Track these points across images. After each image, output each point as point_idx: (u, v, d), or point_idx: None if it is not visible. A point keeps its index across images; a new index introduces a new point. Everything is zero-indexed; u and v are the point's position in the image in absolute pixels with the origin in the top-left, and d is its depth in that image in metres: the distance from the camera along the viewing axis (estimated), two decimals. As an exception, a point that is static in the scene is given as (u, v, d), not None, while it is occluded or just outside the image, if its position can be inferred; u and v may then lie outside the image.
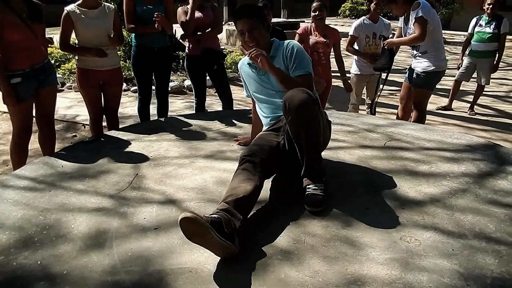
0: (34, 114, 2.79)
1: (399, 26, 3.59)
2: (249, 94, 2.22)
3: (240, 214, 1.46)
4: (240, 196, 1.50)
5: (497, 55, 4.87)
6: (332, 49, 3.77)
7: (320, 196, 1.66)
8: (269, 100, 2.03)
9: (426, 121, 3.64)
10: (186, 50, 3.65)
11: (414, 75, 3.47)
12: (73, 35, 3.00)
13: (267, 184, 1.89)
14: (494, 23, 4.75)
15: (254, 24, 1.93)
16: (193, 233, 1.30)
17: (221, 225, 1.34)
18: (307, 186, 1.71)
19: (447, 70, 3.54)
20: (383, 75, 3.90)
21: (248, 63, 2.10)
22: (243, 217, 1.47)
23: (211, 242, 1.30)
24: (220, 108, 3.97)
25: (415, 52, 3.44)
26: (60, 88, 5.89)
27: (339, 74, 3.93)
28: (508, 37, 4.97)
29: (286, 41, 2.04)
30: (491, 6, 4.73)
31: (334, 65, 3.80)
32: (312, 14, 3.66)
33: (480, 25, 4.86)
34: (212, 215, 1.37)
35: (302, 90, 1.68)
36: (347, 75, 3.98)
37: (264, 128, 2.08)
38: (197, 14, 3.44)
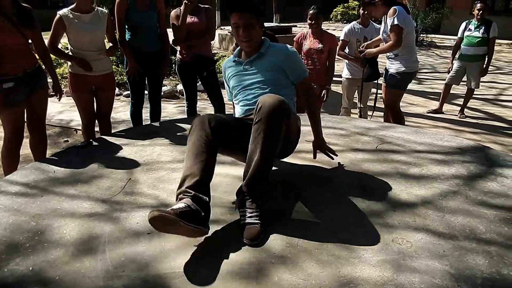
0: (25, 119, 2.77)
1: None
2: (231, 98, 2.20)
3: (205, 196, 1.51)
4: (198, 178, 1.52)
5: (486, 59, 4.94)
6: (327, 54, 3.80)
7: (258, 225, 1.53)
8: (247, 89, 2.02)
9: (416, 124, 3.69)
10: (178, 55, 3.66)
11: (388, 76, 3.60)
12: (66, 40, 3.00)
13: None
14: (483, 28, 4.82)
15: (250, 20, 1.92)
16: (165, 228, 1.39)
17: (191, 214, 1.40)
18: (242, 214, 1.58)
19: (437, 74, 3.62)
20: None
21: (233, 60, 2.10)
22: (208, 198, 1.53)
23: (183, 231, 1.40)
24: (212, 112, 3.97)
25: (388, 54, 3.59)
26: (52, 93, 5.85)
27: (337, 79, 3.95)
28: (497, 41, 5.04)
29: (282, 45, 2.06)
30: (480, 11, 4.81)
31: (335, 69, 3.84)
32: (308, 21, 3.69)
33: (470, 30, 4.94)
34: (180, 206, 1.41)
35: (278, 97, 1.63)
36: (335, 80, 4.01)
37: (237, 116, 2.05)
38: (190, 18, 3.44)
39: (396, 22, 3.25)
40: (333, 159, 2.11)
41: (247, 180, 1.60)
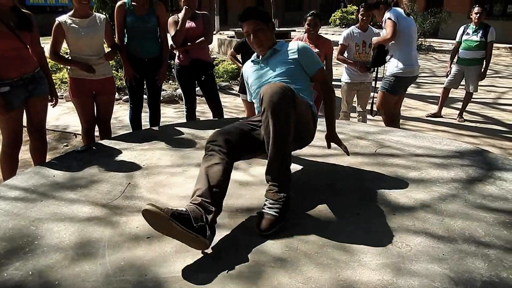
0: (25, 124, 2.77)
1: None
2: (251, 99, 2.30)
3: (212, 206, 1.50)
4: (208, 186, 1.54)
5: (484, 62, 4.96)
6: (323, 59, 3.81)
7: (272, 217, 1.55)
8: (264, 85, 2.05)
9: (415, 128, 3.70)
10: (176, 60, 3.68)
11: (382, 79, 3.68)
12: (65, 45, 3.01)
13: (261, 190, 1.90)
14: (481, 32, 4.85)
15: (257, 26, 2.04)
16: (158, 225, 1.39)
17: (188, 219, 1.39)
18: (265, 201, 1.63)
19: (436, 78, 3.63)
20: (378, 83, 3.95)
21: (252, 60, 2.21)
22: (216, 208, 1.52)
23: (177, 234, 1.37)
24: (211, 117, 3.98)
25: (387, 56, 3.65)
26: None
27: (336, 83, 3.96)
28: (495, 45, 5.07)
29: (294, 41, 2.23)
30: (478, 15, 4.84)
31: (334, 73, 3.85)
32: (306, 27, 3.71)
33: (468, 34, 4.96)
34: (178, 209, 1.42)
35: (278, 84, 1.66)
36: (335, 85, 4.02)
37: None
38: (188, 24, 3.46)
39: (388, 16, 3.39)
40: (348, 154, 2.13)
41: (266, 169, 1.67)
